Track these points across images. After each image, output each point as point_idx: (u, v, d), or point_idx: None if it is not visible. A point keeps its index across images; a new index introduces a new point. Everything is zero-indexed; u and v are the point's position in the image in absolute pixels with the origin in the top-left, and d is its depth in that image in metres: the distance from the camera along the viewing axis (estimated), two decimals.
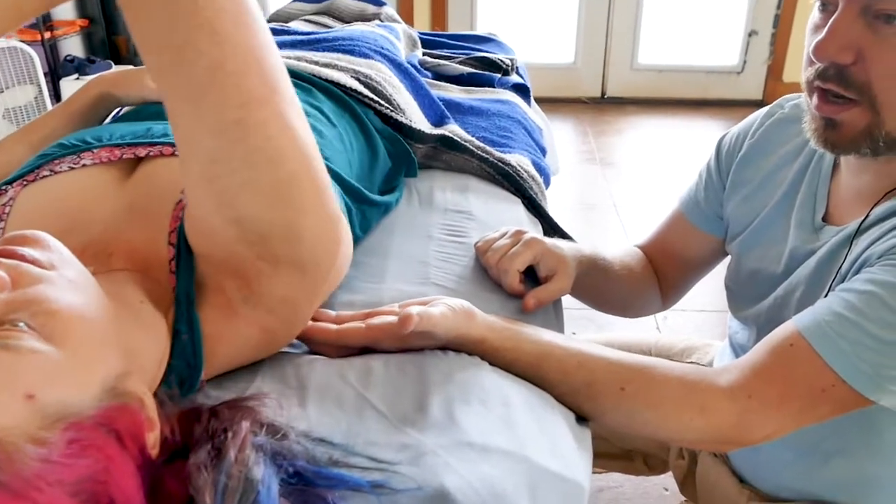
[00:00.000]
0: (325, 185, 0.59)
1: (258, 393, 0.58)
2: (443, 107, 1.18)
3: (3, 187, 0.69)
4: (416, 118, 1.10)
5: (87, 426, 0.42)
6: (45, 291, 0.46)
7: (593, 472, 1.36)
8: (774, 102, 0.90)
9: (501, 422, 0.57)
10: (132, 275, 0.62)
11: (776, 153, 0.86)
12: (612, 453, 1.17)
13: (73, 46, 3.44)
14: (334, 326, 0.68)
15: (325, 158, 0.81)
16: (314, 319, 0.70)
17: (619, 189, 2.84)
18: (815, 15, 0.69)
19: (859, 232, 0.72)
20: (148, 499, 0.44)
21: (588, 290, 0.93)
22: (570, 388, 0.69)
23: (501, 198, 1.02)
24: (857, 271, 0.69)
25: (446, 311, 0.67)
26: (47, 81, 2.73)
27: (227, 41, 0.48)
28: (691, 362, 1.12)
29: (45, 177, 0.70)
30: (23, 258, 0.47)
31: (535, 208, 1.04)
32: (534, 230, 1.00)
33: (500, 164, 1.05)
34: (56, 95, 3.04)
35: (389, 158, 0.98)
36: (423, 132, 1.03)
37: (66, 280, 0.48)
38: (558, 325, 0.81)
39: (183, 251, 0.61)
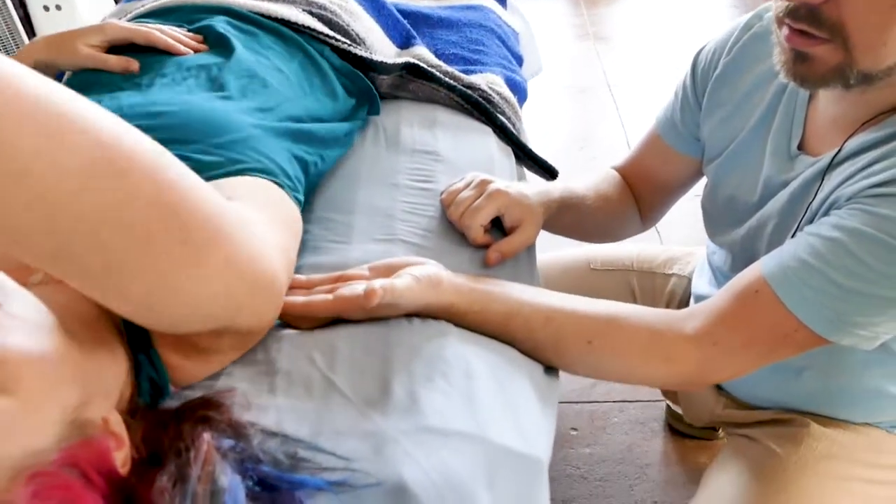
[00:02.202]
0: (245, 255, 0.53)
1: (225, 390, 0.59)
2: (408, 26, 1.12)
3: None
4: (379, 45, 1.05)
5: (50, 472, 0.43)
6: None
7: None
8: (752, 13, 0.84)
9: (463, 400, 0.59)
10: None
11: (752, 72, 0.82)
12: None
13: None
14: (302, 299, 0.69)
15: (269, 110, 0.78)
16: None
17: (613, 67, 2.74)
18: None
19: (832, 166, 0.70)
20: None
21: (563, 228, 0.93)
22: (538, 345, 0.70)
23: (471, 129, 0.98)
24: (826, 212, 0.68)
25: (411, 283, 0.67)
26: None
27: None
28: (672, 274, 1.13)
29: None
30: None
31: (507, 135, 1.01)
32: (505, 160, 0.98)
33: (468, 91, 1.01)
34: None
35: (351, 96, 0.94)
36: (386, 63, 0.98)
37: (10, 318, 0.47)
38: (530, 273, 0.81)
39: None
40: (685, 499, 0.95)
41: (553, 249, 1.18)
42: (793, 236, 0.71)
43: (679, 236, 1.85)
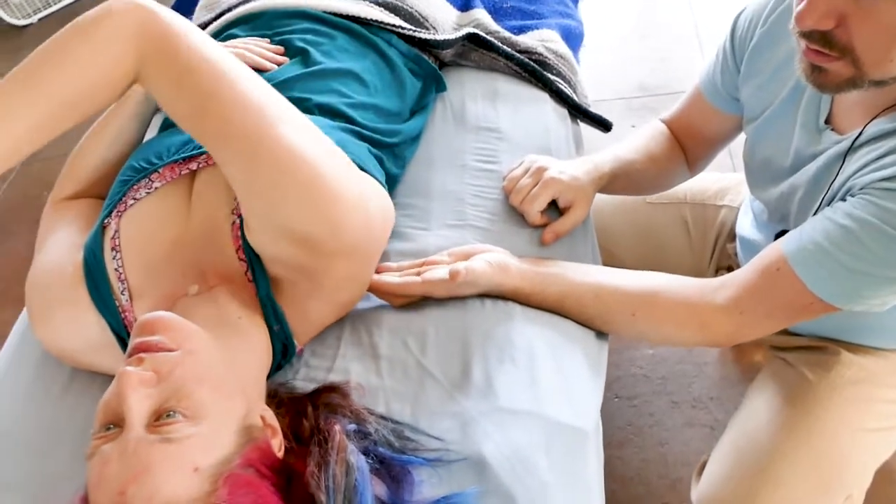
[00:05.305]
0: (342, 176, 0.72)
1: (345, 383, 0.75)
2: None
3: (105, 220, 0.81)
4: (441, 15, 1.12)
5: (235, 474, 0.59)
6: (181, 376, 0.61)
7: None
8: None
9: (527, 381, 0.75)
10: (225, 290, 0.76)
11: (786, 43, 0.87)
12: None
13: None
14: (397, 279, 0.84)
15: (348, 119, 0.90)
16: (381, 271, 0.86)
17: None
18: None
19: (852, 149, 0.78)
20: (286, 498, 0.63)
21: (616, 191, 1.03)
22: (588, 318, 0.85)
23: (529, 99, 1.07)
24: (843, 196, 0.77)
25: (486, 267, 0.82)
26: None
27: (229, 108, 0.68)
28: (724, 205, 1.21)
29: (131, 205, 0.81)
30: (157, 348, 0.63)
31: (563, 99, 1.10)
32: (561, 127, 1.07)
33: (525, 59, 1.09)
34: None
35: (418, 79, 1.04)
36: (448, 40, 1.07)
37: (190, 356, 0.63)
38: (585, 245, 0.93)
39: (254, 261, 0.76)
40: (739, 394, 1.09)
41: None
42: (815, 213, 0.80)
43: None
